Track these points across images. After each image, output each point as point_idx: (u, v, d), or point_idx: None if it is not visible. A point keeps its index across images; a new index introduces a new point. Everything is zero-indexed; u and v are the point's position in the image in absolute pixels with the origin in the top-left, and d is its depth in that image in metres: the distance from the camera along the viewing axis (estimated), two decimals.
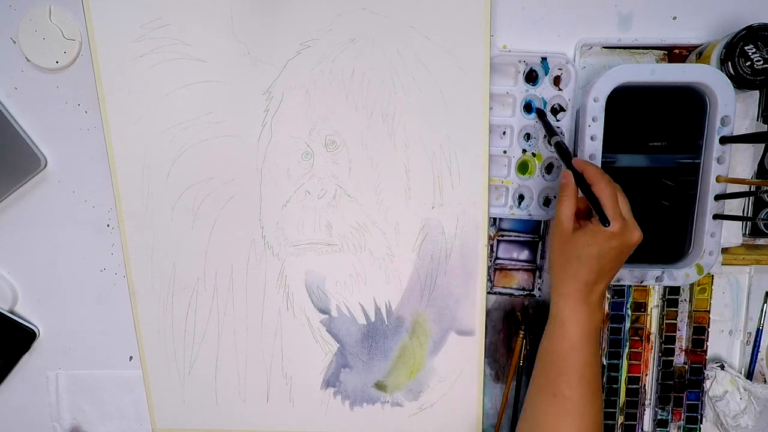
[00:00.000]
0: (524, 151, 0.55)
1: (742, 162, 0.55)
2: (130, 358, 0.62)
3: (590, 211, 0.47)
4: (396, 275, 0.58)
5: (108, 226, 0.60)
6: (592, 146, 0.51)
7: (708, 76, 0.49)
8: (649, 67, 0.50)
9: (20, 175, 0.58)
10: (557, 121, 0.55)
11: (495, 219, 0.58)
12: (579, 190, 0.46)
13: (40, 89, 0.57)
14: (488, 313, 0.59)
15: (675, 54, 0.55)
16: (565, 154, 0.48)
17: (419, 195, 0.56)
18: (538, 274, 0.59)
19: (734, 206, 0.56)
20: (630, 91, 0.50)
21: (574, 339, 0.46)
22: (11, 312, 0.61)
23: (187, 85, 0.55)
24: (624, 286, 0.58)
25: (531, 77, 0.55)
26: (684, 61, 0.55)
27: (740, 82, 0.50)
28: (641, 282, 0.53)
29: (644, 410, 0.60)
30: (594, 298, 0.46)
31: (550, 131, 0.52)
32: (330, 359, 0.60)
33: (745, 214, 0.56)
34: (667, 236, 0.56)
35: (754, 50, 0.49)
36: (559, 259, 0.47)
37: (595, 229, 0.45)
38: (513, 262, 0.59)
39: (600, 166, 0.51)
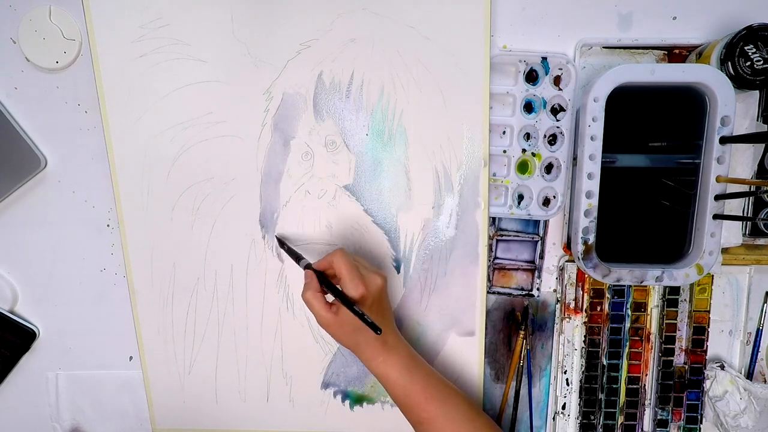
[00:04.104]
0: (524, 150, 0.55)
1: (742, 162, 0.55)
2: (130, 358, 0.62)
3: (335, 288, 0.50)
4: (396, 275, 0.58)
5: (108, 226, 0.60)
6: (592, 146, 0.51)
7: (708, 76, 0.49)
8: (649, 67, 0.50)
9: (20, 175, 0.58)
10: (557, 120, 0.55)
11: (494, 218, 0.58)
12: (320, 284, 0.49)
13: (40, 89, 0.57)
14: (488, 313, 0.59)
15: (675, 54, 0.55)
16: (296, 257, 0.52)
17: (419, 195, 0.56)
18: (537, 274, 0.59)
19: (734, 206, 0.56)
20: (630, 91, 0.50)
21: (402, 380, 0.51)
22: (11, 312, 0.61)
23: (187, 85, 0.55)
24: (624, 286, 0.58)
25: (531, 77, 0.55)
26: (684, 61, 0.55)
27: (740, 82, 0.50)
28: (641, 282, 0.53)
29: (644, 410, 0.60)
30: (390, 341, 0.51)
31: (296, 256, 0.53)
32: (330, 359, 0.60)
33: (745, 214, 0.56)
34: (667, 236, 0.56)
35: (754, 50, 0.49)
36: (346, 340, 0.50)
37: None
38: (512, 262, 0.59)
39: (600, 166, 0.51)
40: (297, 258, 0.53)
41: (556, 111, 0.55)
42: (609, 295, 0.58)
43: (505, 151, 0.56)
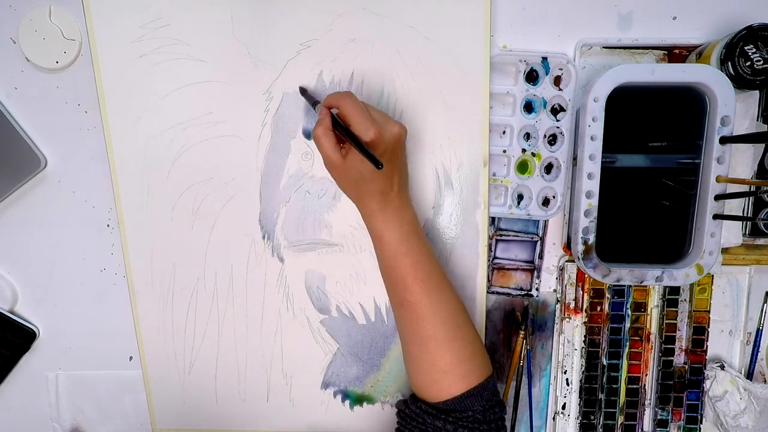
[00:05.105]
0: (524, 150, 0.55)
1: (742, 162, 0.55)
2: (130, 358, 0.62)
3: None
4: None
5: (108, 226, 0.60)
6: (592, 146, 0.51)
7: (708, 76, 0.49)
8: (649, 67, 0.50)
9: (20, 175, 0.58)
10: (557, 120, 0.55)
11: (493, 218, 0.58)
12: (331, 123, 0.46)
13: (40, 89, 0.57)
14: (488, 313, 0.59)
15: (675, 54, 0.55)
16: (314, 102, 0.50)
17: (419, 195, 0.56)
18: (536, 274, 0.59)
19: (734, 206, 0.56)
20: (630, 91, 0.50)
21: (395, 246, 0.47)
22: (11, 312, 0.61)
23: (187, 85, 0.55)
24: (624, 286, 0.58)
25: (531, 77, 0.55)
26: (684, 61, 0.55)
27: (740, 82, 0.50)
28: (641, 282, 0.53)
29: (644, 410, 0.60)
30: (395, 202, 0.48)
31: (313, 102, 0.51)
32: (330, 359, 0.60)
33: (745, 214, 0.56)
34: (667, 236, 0.56)
35: (754, 50, 0.49)
36: (349, 187, 0.48)
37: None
38: (511, 262, 0.59)
39: (600, 166, 0.51)
40: (314, 103, 0.51)
41: (556, 111, 0.55)
42: (609, 295, 0.58)
43: (505, 151, 0.56)
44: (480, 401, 0.46)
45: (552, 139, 0.55)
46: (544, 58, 0.54)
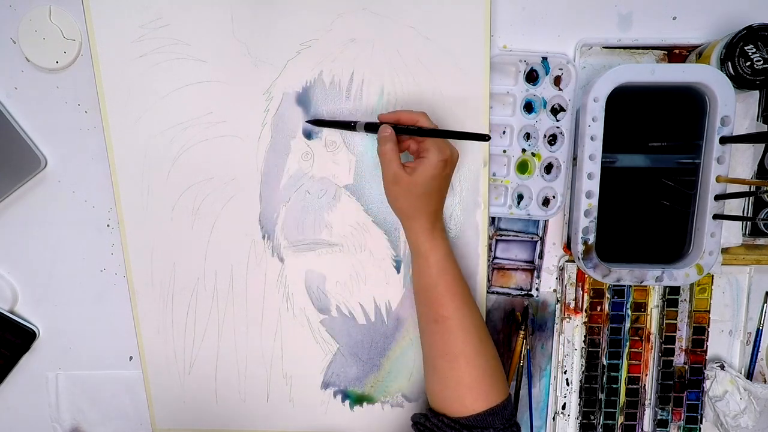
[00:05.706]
0: (524, 150, 0.55)
1: (742, 162, 0.55)
2: (130, 358, 0.62)
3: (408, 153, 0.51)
4: (396, 275, 0.58)
5: (108, 226, 0.60)
6: (592, 146, 0.51)
7: (708, 76, 0.49)
8: (649, 67, 0.50)
9: (20, 175, 0.58)
10: (557, 120, 0.55)
11: (493, 218, 0.58)
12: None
13: (40, 89, 0.57)
14: (488, 313, 0.59)
15: (675, 54, 0.55)
16: (374, 126, 0.51)
17: None
18: (536, 274, 0.59)
19: (734, 206, 0.56)
20: (630, 91, 0.50)
21: (439, 266, 0.50)
22: (11, 312, 0.61)
23: (187, 85, 0.55)
24: (624, 286, 0.58)
25: (531, 77, 0.55)
26: (684, 61, 0.55)
27: (740, 82, 0.50)
28: (641, 282, 0.53)
29: (644, 410, 0.60)
30: (440, 224, 0.52)
31: (347, 126, 0.53)
32: (330, 359, 0.60)
33: (745, 214, 0.56)
34: (667, 236, 0.56)
35: (754, 50, 0.49)
36: (408, 204, 0.49)
37: (431, 163, 0.48)
38: (511, 262, 0.59)
39: (600, 166, 0.51)
40: (348, 124, 0.51)
41: (556, 111, 0.55)
42: (609, 295, 0.58)
43: (505, 151, 0.56)
44: (500, 420, 0.48)
45: (552, 139, 0.55)
46: (544, 58, 0.54)
